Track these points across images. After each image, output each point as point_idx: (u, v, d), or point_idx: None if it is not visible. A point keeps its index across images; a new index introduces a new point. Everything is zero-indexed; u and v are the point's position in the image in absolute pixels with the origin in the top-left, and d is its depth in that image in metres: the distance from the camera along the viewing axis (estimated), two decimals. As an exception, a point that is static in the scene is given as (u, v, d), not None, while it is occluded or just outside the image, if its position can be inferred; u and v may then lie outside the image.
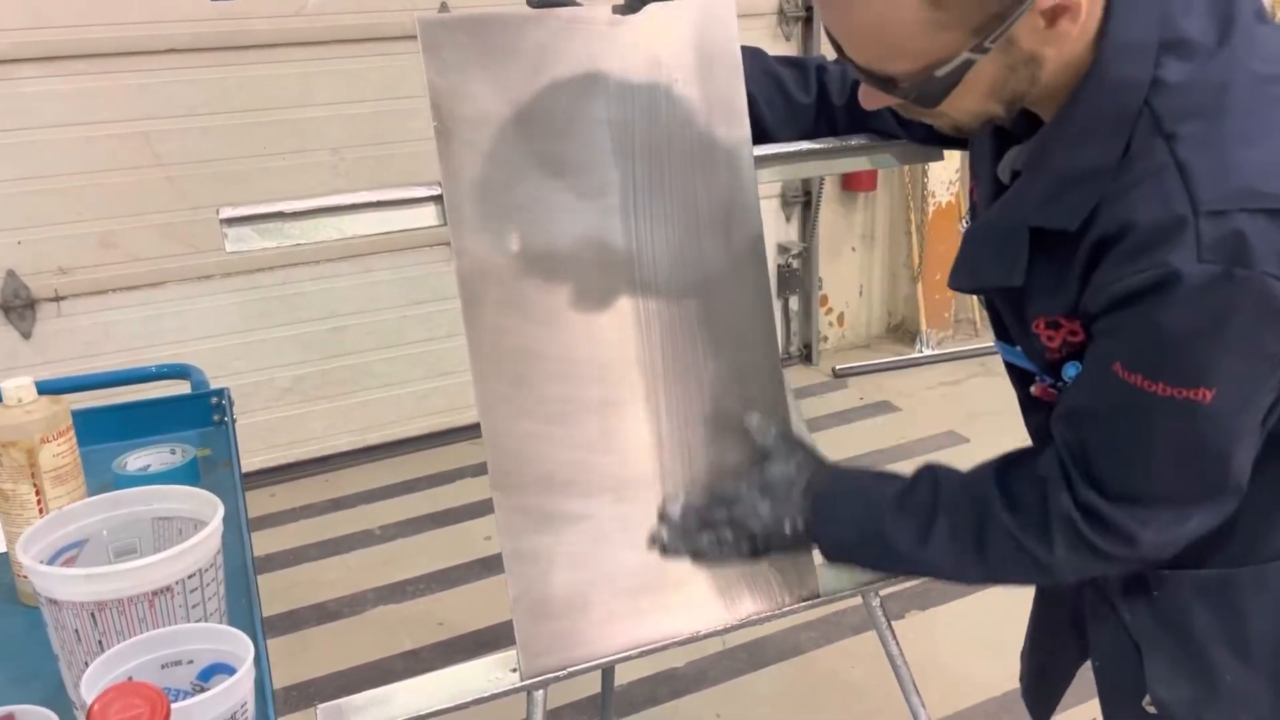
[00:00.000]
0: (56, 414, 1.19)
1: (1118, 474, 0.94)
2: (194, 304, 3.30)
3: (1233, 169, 0.82)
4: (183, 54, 3.09)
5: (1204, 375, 0.84)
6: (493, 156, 1.08)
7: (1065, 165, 0.90)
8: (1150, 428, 0.89)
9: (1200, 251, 0.80)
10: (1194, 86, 0.85)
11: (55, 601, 0.94)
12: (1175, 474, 0.92)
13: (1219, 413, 0.86)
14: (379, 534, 3.19)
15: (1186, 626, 1.04)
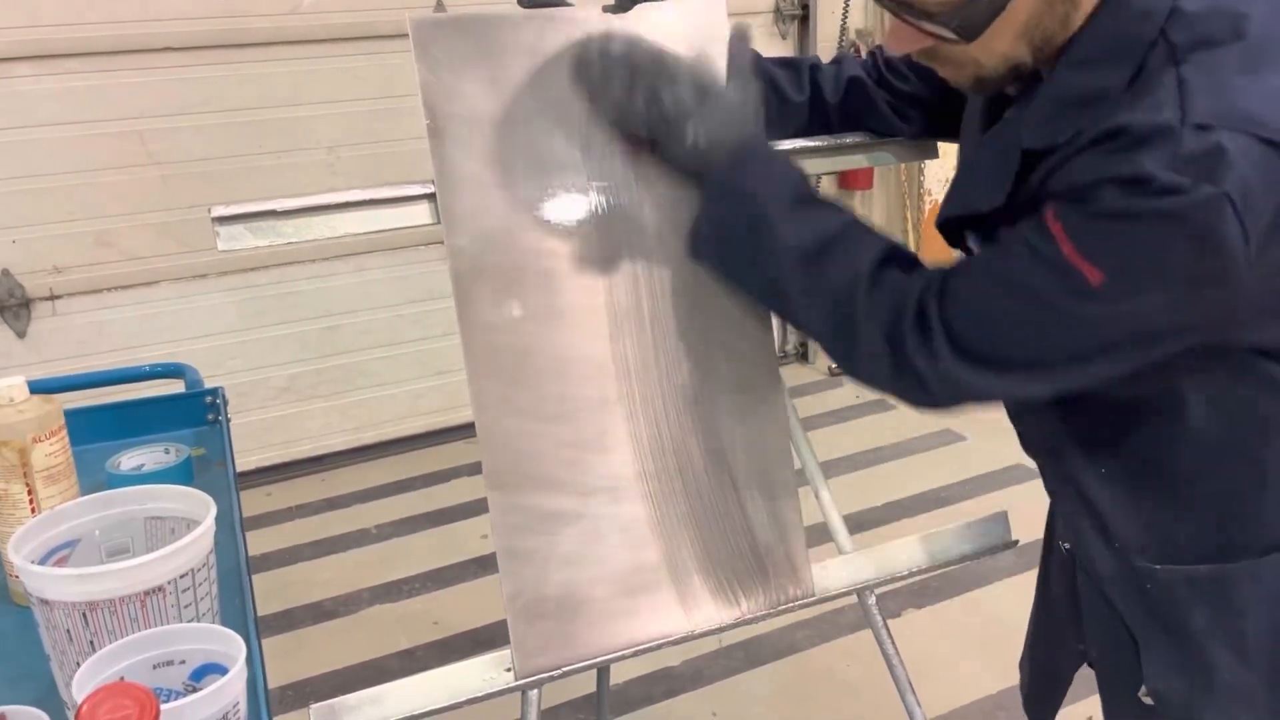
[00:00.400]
0: (49, 413, 1.19)
1: (969, 296, 0.93)
2: (189, 303, 3.30)
3: (1230, 90, 0.82)
4: (178, 53, 3.09)
5: (1108, 258, 0.83)
6: (485, 155, 1.07)
7: (1069, 87, 0.90)
8: (1029, 274, 0.88)
9: (1176, 159, 0.80)
10: (1211, 15, 0.85)
11: (47, 601, 0.94)
12: (1012, 324, 0.91)
13: (1092, 296, 0.85)
14: (375, 533, 3.19)
15: (1182, 621, 1.04)
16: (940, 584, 2.76)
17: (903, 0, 0.89)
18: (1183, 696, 1.06)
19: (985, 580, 2.78)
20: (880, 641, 1.23)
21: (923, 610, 2.69)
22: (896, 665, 1.24)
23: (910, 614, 2.67)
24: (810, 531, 1.19)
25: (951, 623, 2.64)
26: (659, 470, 1.13)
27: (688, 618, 1.14)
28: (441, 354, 3.65)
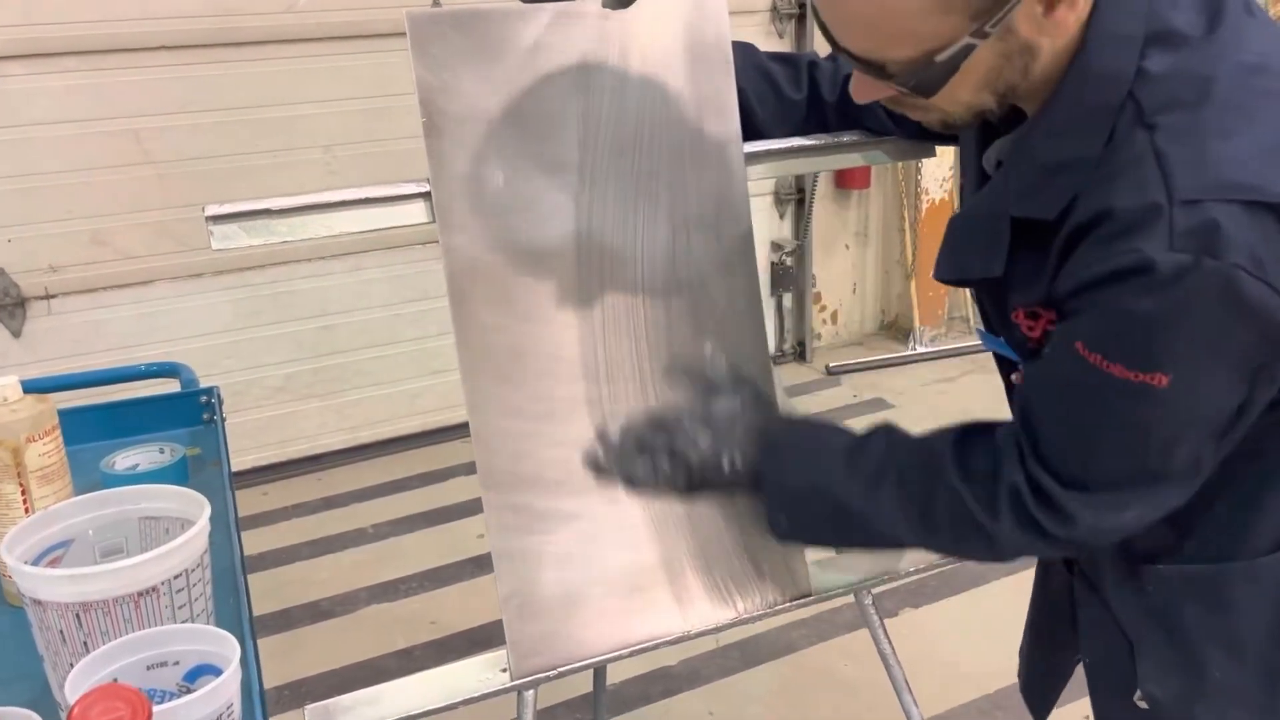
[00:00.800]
0: (42, 413, 1.18)
1: (1064, 451, 0.93)
2: (185, 302, 3.29)
3: (1210, 160, 0.81)
4: (173, 51, 3.08)
5: (1161, 360, 0.83)
6: (482, 153, 1.07)
7: (1048, 156, 0.90)
8: (1102, 408, 0.89)
9: (1173, 240, 0.80)
10: (1177, 77, 0.85)
11: (40, 602, 0.93)
12: (1117, 457, 0.91)
13: (1171, 399, 0.85)
14: (371, 533, 3.18)
15: (1177, 622, 1.04)
16: (937, 583, 2.76)
17: (865, 61, 0.89)
18: (1177, 698, 1.06)
19: (982, 579, 2.78)
20: (877, 641, 1.23)
21: (920, 609, 2.68)
22: (894, 665, 1.23)
23: (907, 613, 2.67)
24: (807, 531, 1.19)
25: (948, 622, 2.64)
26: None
27: (683, 618, 1.14)
28: (438, 353, 3.64)
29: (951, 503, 0.98)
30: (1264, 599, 1.00)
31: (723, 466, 1.06)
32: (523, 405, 1.09)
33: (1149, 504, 0.93)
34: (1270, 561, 0.99)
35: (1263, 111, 0.84)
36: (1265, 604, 1.00)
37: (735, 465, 1.06)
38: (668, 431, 1.07)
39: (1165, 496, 0.93)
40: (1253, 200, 0.80)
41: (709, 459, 1.06)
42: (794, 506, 1.06)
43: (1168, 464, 0.90)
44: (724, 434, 1.07)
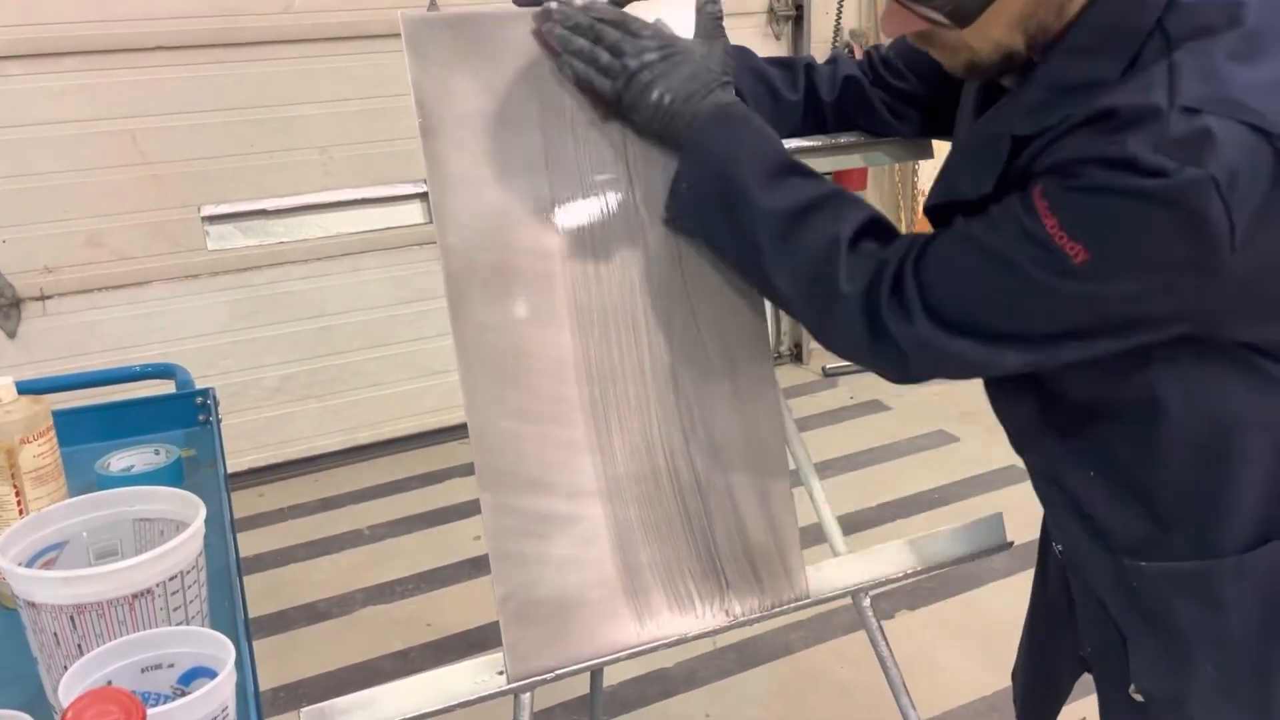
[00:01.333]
0: (37, 414, 1.18)
1: (948, 263, 0.94)
2: (181, 303, 3.29)
3: (1222, 77, 0.82)
4: (171, 51, 3.08)
5: (1092, 238, 0.84)
6: (478, 153, 1.07)
7: (1065, 76, 0.90)
8: (1012, 247, 0.88)
9: (1161, 143, 0.80)
10: (1206, 7, 0.85)
11: (34, 604, 0.93)
12: (989, 293, 0.91)
13: (1075, 274, 0.85)
14: (368, 534, 3.18)
15: (1168, 618, 1.04)
16: (934, 585, 2.75)
17: None
18: (1170, 693, 1.06)
19: (979, 581, 2.77)
20: (875, 643, 1.23)
21: (916, 611, 2.68)
22: (891, 667, 1.23)
23: (904, 615, 2.67)
24: (804, 533, 1.18)
25: (945, 624, 2.64)
26: (652, 472, 1.13)
27: (681, 620, 1.13)
28: (435, 354, 3.64)
29: (828, 245, 0.99)
30: (1252, 594, 1.00)
31: (651, 95, 1.05)
32: (521, 406, 1.08)
33: (982, 349, 0.94)
34: (1256, 556, 0.99)
35: (1273, 51, 0.84)
36: (1254, 600, 1.00)
37: (664, 102, 1.05)
38: (625, 30, 1.05)
39: (1001, 356, 0.93)
40: (1251, 123, 0.80)
41: (641, 78, 1.05)
42: (704, 168, 1.05)
43: (1023, 328, 0.91)
44: (672, 68, 1.05)
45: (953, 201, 0.99)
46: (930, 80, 1.17)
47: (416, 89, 1.04)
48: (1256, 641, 1.01)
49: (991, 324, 0.93)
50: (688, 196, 1.08)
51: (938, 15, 0.89)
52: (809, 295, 1.01)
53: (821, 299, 1.00)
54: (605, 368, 1.11)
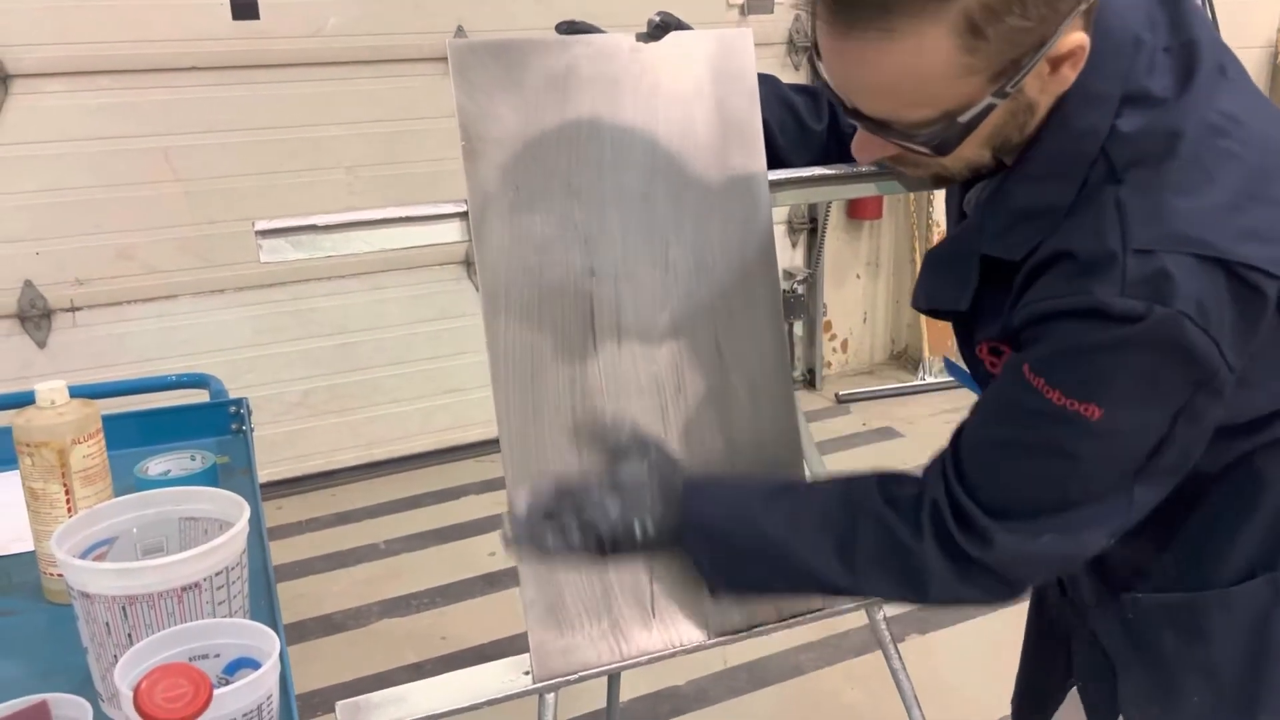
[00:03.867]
0: (87, 416, 1.23)
1: (987, 471, 0.96)
2: (207, 317, 3.35)
3: (1167, 213, 0.85)
4: (204, 72, 3.15)
5: (1097, 393, 0.87)
6: (516, 177, 1.12)
7: (1022, 201, 0.94)
8: (1033, 431, 0.92)
9: (1125, 286, 0.84)
10: (1146, 135, 0.89)
11: (88, 595, 0.97)
12: (1037, 483, 0.94)
13: (1098, 432, 0.88)
14: (384, 548, 3.22)
15: (1157, 649, 1.07)
16: (946, 611, 2.78)
17: (881, 122, 0.91)
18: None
19: (988, 607, 2.79)
20: (888, 657, 1.27)
21: (926, 636, 2.71)
22: (903, 680, 1.27)
23: (913, 639, 2.69)
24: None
25: (954, 649, 2.66)
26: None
27: (702, 627, 1.17)
28: (453, 373, 3.69)
29: (875, 526, 1.00)
30: (1239, 627, 1.02)
31: (634, 533, 1.05)
32: (550, 418, 1.13)
33: (1065, 533, 0.94)
34: (1243, 590, 1.02)
35: (1221, 171, 0.87)
36: (1240, 632, 1.02)
37: (647, 531, 1.05)
38: (575, 500, 1.06)
39: (1079, 526, 0.94)
40: (1202, 254, 0.84)
41: (619, 527, 1.05)
42: (714, 545, 1.06)
43: (1085, 493, 0.93)
44: (632, 500, 1.06)
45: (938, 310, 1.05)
46: None
47: (461, 113, 1.10)
48: (1241, 673, 1.03)
49: (1055, 503, 0.94)
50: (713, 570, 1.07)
51: (922, 149, 0.92)
52: (884, 576, 1.01)
53: (900, 570, 0.99)
54: (632, 382, 1.16)
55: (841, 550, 1.00)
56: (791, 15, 3.97)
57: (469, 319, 3.68)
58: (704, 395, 1.20)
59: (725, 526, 1.05)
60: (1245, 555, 1.02)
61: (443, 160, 3.50)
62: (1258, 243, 0.85)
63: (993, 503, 0.94)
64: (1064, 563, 1.00)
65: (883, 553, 0.99)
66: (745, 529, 1.03)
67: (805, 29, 3.99)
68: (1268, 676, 1.02)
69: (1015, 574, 0.98)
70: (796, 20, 3.99)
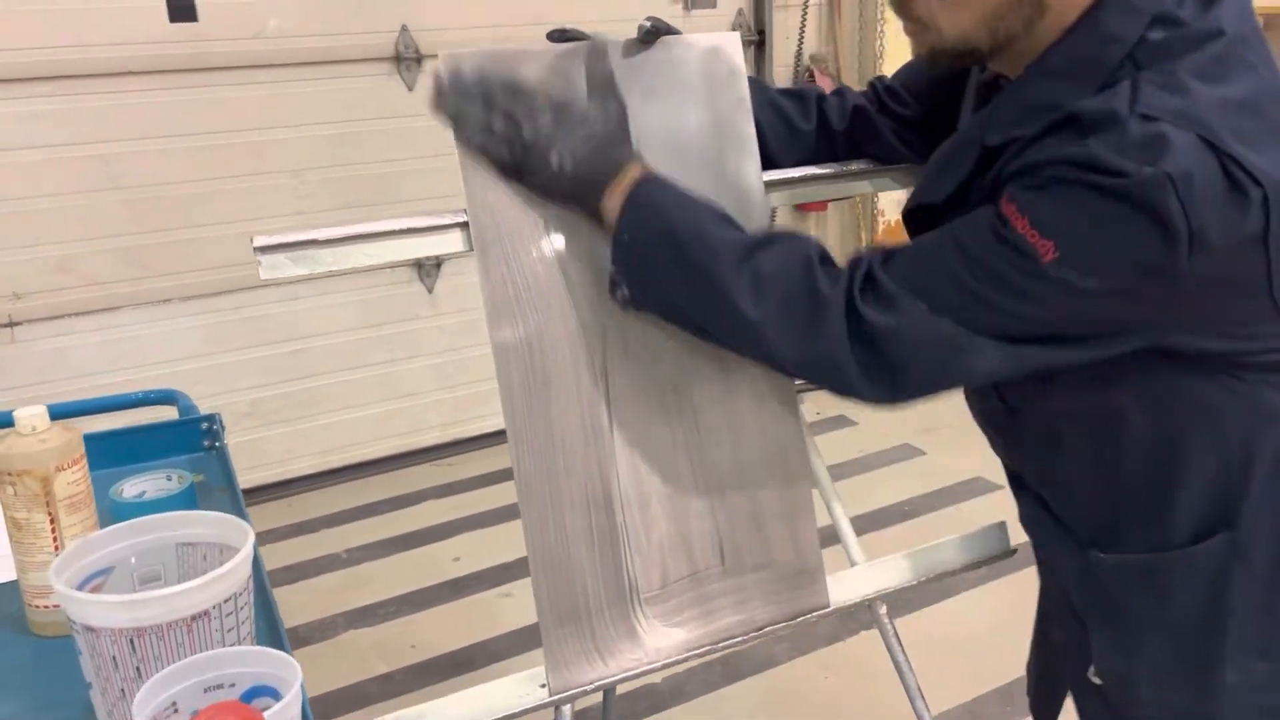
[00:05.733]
0: (70, 441, 1.19)
1: (919, 262, 0.97)
2: (151, 328, 3.26)
3: (1180, 92, 0.88)
4: (141, 76, 3.07)
5: (1062, 235, 0.88)
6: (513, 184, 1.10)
7: (1036, 95, 0.96)
8: (982, 248, 0.93)
9: (1122, 146, 0.86)
10: (1172, 39, 0.92)
11: (92, 629, 0.94)
12: (961, 290, 0.94)
13: (1045, 274, 0.89)
14: (345, 557, 3.17)
15: (1121, 606, 1.11)
16: (910, 596, 2.82)
17: None
18: (1123, 675, 1.13)
19: (950, 592, 2.84)
20: (890, 650, 1.28)
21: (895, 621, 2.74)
22: (906, 672, 1.28)
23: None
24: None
25: (921, 634, 2.70)
26: (684, 488, 1.17)
27: (713, 628, 1.18)
28: (407, 376, 3.65)
29: (797, 264, 1.00)
30: (1199, 585, 1.06)
31: (550, 160, 1.03)
32: (554, 422, 1.12)
33: (958, 332, 0.95)
34: (1203, 549, 1.05)
35: (1235, 75, 0.91)
36: (1199, 590, 1.06)
37: (564, 166, 1.03)
38: (514, 94, 1.04)
39: (973, 344, 0.95)
40: (1201, 135, 0.86)
41: (540, 143, 1.03)
42: (639, 209, 1.03)
43: (999, 321, 0.94)
44: (569, 130, 1.03)
45: (923, 205, 1.06)
46: (926, 102, 1.24)
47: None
48: (1201, 626, 1.07)
49: (965, 320, 0.95)
50: (630, 249, 1.05)
51: None
52: (783, 314, 1.00)
53: (800, 313, 0.99)
54: (637, 387, 1.15)
55: (756, 274, 1.00)
56: (735, 10, 3.99)
57: (421, 322, 3.64)
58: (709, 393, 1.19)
59: (657, 196, 1.04)
60: (1203, 514, 1.04)
61: (391, 162, 3.45)
62: (1251, 149, 0.87)
63: (909, 280, 0.96)
64: (952, 363, 0.98)
65: (791, 289, 0.99)
66: (684, 219, 1.02)
67: (749, 23, 4.01)
68: (1227, 630, 1.05)
69: (903, 351, 0.97)
70: (739, 15, 4.00)
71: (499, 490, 3.47)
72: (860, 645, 2.64)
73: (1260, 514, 1.02)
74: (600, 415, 1.14)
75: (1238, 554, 1.03)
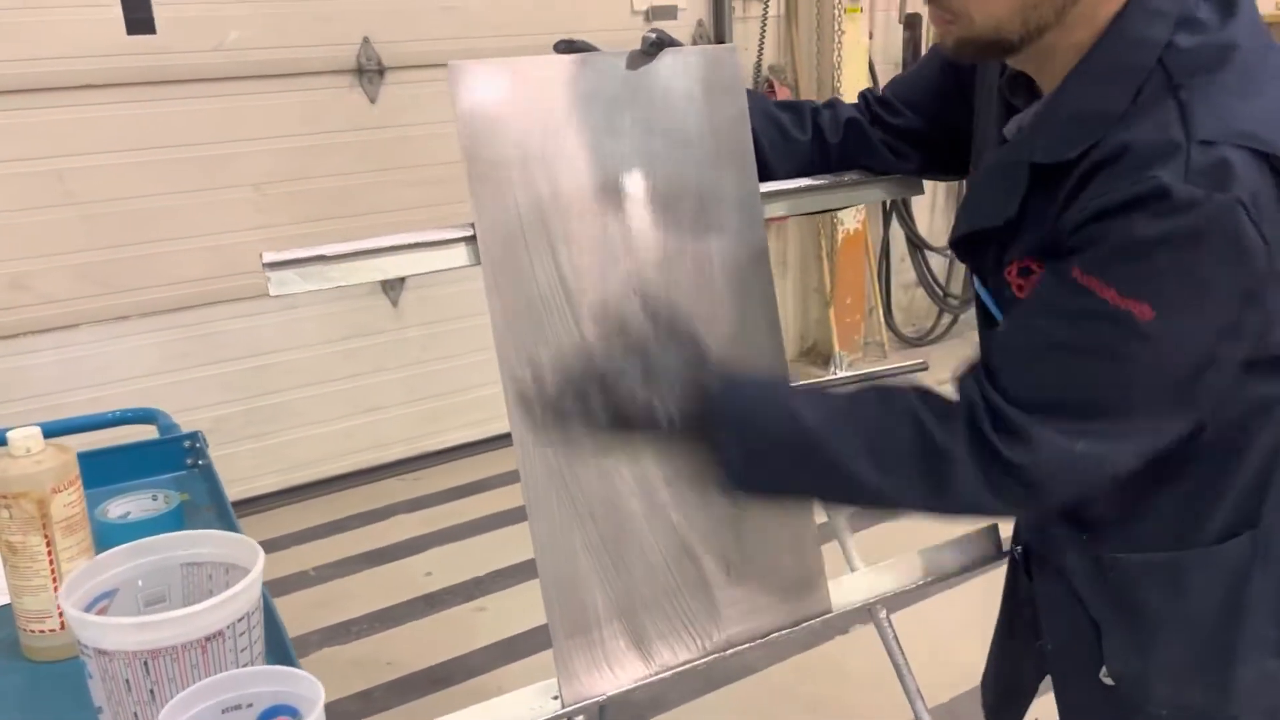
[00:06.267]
0: (66, 463, 1.17)
1: (1025, 376, 0.96)
2: (111, 345, 3.20)
3: (1227, 112, 0.90)
4: (98, 89, 3.02)
5: (1152, 290, 0.89)
6: (520, 196, 1.11)
7: (1077, 105, 0.97)
8: (1080, 333, 0.92)
9: (1188, 173, 0.87)
10: (1202, 50, 0.94)
11: (105, 652, 0.93)
12: (1081, 383, 0.94)
13: (1150, 334, 0.89)
14: (314, 575, 3.13)
15: (1139, 606, 1.12)
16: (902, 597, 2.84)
17: None
18: (1139, 674, 1.14)
19: (924, 594, 2.88)
20: (890, 652, 1.31)
21: (868, 625, 2.77)
22: (906, 674, 1.30)
23: (857, 629, 2.76)
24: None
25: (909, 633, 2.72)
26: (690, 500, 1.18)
27: (720, 634, 1.18)
28: (372, 391, 3.62)
29: (909, 425, 0.98)
30: (1219, 583, 1.08)
31: (659, 418, 1.02)
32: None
33: (1097, 441, 0.94)
34: (1225, 549, 1.07)
35: (1269, 83, 0.94)
36: (1219, 588, 1.08)
37: (672, 418, 1.02)
38: (603, 380, 1.03)
39: (1112, 438, 0.95)
40: (1259, 150, 0.88)
41: (645, 410, 1.02)
42: (744, 431, 1.01)
43: (1121, 402, 0.94)
44: (661, 385, 1.03)
45: (978, 231, 1.06)
46: (925, 114, 1.26)
47: (462, 134, 1.08)
48: (1219, 625, 1.09)
49: (1095, 406, 0.94)
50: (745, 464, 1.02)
51: None
52: (910, 478, 0.98)
53: (928, 473, 0.97)
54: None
55: (872, 446, 0.98)
56: (695, 21, 4.02)
57: (385, 335, 3.61)
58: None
59: (757, 412, 1.02)
60: (1228, 514, 1.06)
61: (352, 174, 3.43)
62: None
63: (1031, 403, 0.94)
64: (1093, 477, 0.98)
65: (914, 452, 0.97)
66: (778, 417, 1.01)
67: (709, 34, 4.05)
68: (1244, 628, 1.08)
69: (1046, 480, 0.96)
70: (699, 26, 4.04)
71: (469, 503, 3.45)
72: (835, 650, 2.67)
73: (1278, 514, 1.05)
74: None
75: (1258, 553, 1.06)
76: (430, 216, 3.44)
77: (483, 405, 3.79)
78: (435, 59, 3.47)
